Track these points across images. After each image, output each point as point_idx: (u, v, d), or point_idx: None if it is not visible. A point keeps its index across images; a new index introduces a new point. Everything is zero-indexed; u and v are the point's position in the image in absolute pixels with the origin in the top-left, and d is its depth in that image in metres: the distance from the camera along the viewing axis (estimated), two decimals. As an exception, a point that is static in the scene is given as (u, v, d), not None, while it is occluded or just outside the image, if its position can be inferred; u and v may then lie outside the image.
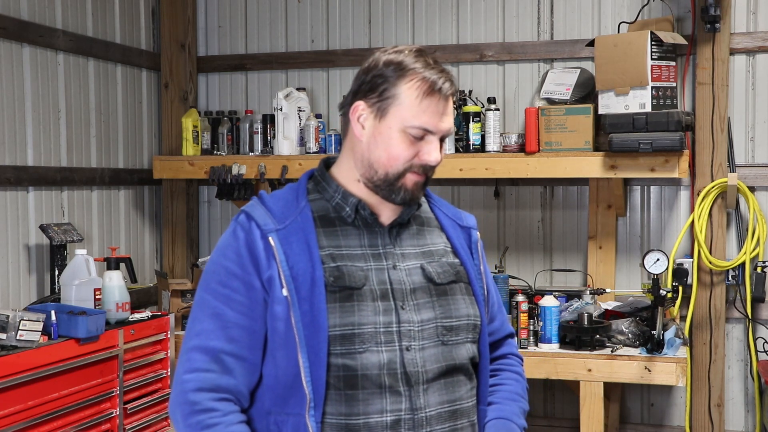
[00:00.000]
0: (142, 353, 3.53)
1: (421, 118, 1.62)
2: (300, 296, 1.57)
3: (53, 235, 3.63)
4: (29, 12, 3.75)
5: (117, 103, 4.36)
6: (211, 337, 1.60)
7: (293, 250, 1.60)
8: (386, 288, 1.63)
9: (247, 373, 1.62)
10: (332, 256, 1.62)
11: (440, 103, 1.63)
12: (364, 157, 1.66)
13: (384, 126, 1.63)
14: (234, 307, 1.61)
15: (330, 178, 1.71)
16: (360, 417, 1.57)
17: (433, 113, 1.62)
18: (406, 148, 1.63)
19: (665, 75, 3.64)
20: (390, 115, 1.63)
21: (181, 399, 1.59)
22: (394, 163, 1.63)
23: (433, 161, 1.64)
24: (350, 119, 1.67)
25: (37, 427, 2.98)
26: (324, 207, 1.68)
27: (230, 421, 1.58)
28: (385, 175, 1.64)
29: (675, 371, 3.32)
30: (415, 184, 1.65)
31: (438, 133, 1.64)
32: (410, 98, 1.62)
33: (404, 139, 1.62)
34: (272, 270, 1.60)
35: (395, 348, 1.59)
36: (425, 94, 1.62)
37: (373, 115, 1.65)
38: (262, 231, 1.62)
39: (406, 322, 1.61)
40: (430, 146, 1.64)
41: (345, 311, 1.58)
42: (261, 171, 4.12)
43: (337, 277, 1.60)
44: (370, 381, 1.57)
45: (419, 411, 1.59)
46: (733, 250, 3.99)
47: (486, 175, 3.88)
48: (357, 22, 4.53)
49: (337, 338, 1.57)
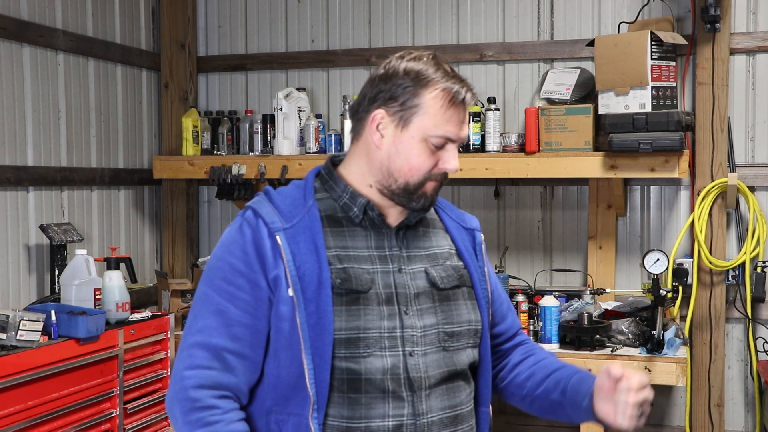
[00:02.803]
0: (142, 353, 3.53)
1: (444, 127, 1.62)
2: (306, 297, 1.56)
3: (53, 235, 3.62)
4: (29, 12, 3.75)
5: (117, 103, 4.36)
6: (213, 335, 1.59)
7: (300, 250, 1.59)
8: (391, 292, 1.62)
9: (248, 371, 1.61)
10: (339, 257, 1.61)
11: (461, 113, 1.64)
12: (383, 165, 1.65)
13: (406, 135, 1.63)
14: (238, 304, 1.60)
15: (338, 177, 1.70)
16: (362, 421, 1.57)
17: (455, 122, 1.64)
18: (427, 158, 1.63)
19: (665, 75, 3.64)
20: (413, 124, 1.62)
21: (181, 395, 1.58)
22: (416, 173, 1.64)
23: (453, 169, 1.65)
24: (367, 126, 1.65)
25: (37, 427, 2.98)
26: (331, 206, 1.67)
27: (231, 418, 1.57)
28: (405, 184, 1.64)
29: (675, 371, 3.32)
30: (434, 190, 1.67)
31: (458, 141, 1.66)
32: (434, 108, 1.62)
33: (425, 148, 1.63)
34: (279, 269, 1.58)
35: (399, 353, 1.59)
36: (449, 104, 1.62)
37: (395, 125, 1.63)
38: (270, 229, 1.60)
39: (409, 327, 1.61)
40: (449, 154, 1.65)
41: (351, 315, 1.58)
42: (261, 171, 4.12)
43: (344, 279, 1.59)
44: (373, 385, 1.57)
45: (421, 416, 1.59)
46: (733, 250, 3.99)
47: (486, 175, 3.88)
48: (357, 22, 4.53)
49: (342, 342, 1.56)
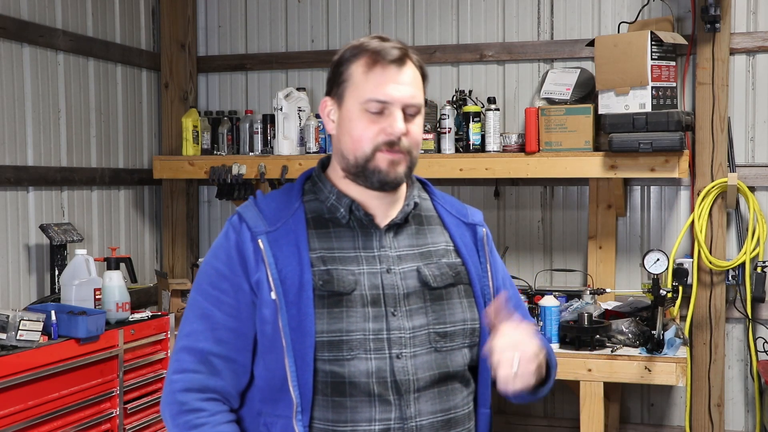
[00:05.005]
0: (142, 353, 3.53)
1: (374, 91, 1.57)
2: (288, 300, 1.55)
3: (53, 235, 3.62)
4: (29, 12, 3.75)
5: (117, 103, 4.36)
6: (199, 339, 1.60)
7: (283, 253, 1.58)
8: (378, 293, 1.59)
9: (235, 374, 1.61)
10: (323, 258, 1.59)
11: (391, 72, 1.58)
12: (337, 149, 1.64)
13: (344, 111, 1.61)
14: (223, 308, 1.60)
15: (325, 178, 1.69)
16: (348, 424, 1.55)
17: (381, 82, 1.57)
18: (366, 127, 1.58)
19: (665, 75, 3.64)
20: (346, 98, 1.60)
21: (170, 399, 1.59)
22: (359, 145, 1.59)
23: (397, 132, 1.57)
24: (322, 118, 1.67)
25: (37, 427, 2.98)
26: (318, 208, 1.66)
27: (217, 421, 1.57)
28: (355, 161, 1.60)
29: (675, 371, 3.32)
30: (389, 163, 1.59)
31: (395, 103, 1.58)
32: (359, 74, 1.59)
33: (364, 117, 1.58)
34: (260, 273, 1.58)
35: (385, 356, 1.56)
36: (372, 65, 1.58)
37: (336, 106, 1.63)
38: (253, 233, 1.60)
39: (396, 329, 1.58)
40: (390, 118, 1.58)
41: (333, 317, 1.55)
42: (261, 171, 4.12)
43: (326, 281, 1.57)
44: (358, 389, 1.55)
45: (410, 420, 1.56)
46: (733, 250, 3.99)
47: (486, 175, 3.88)
48: (357, 22, 4.53)
49: (325, 344, 1.54)
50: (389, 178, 1.60)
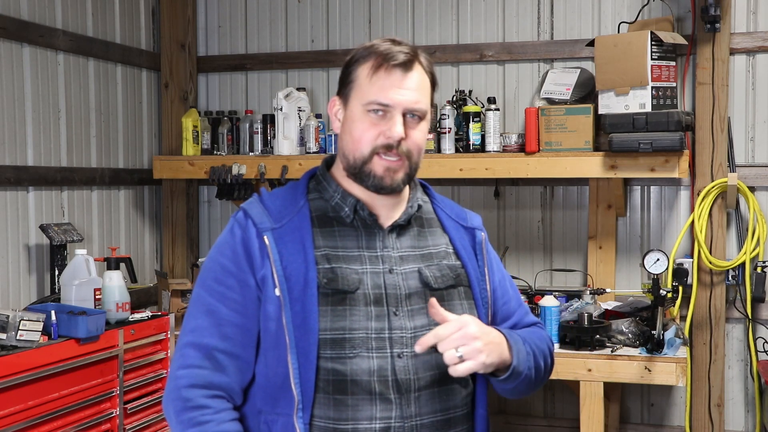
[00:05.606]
0: (142, 353, 3.53)
1: (376, 93, 1.59)
2: (292, 297, 1.56)
3: (53, 235, 3.62)
4: (29, 12, 3.75)
5: (117, 103, 4.36)
6: (205, 334, 1.60)
7: (288, 250, 1.59)
8: (380, 293, 1.60)
9: (240, 371, 1.61)
10: (327, 257, 1.60)
11: (395, 75, 1.59)
12: (340, 148, 1.66)
13: (348, 112, 1.63)
14: (228, 304, 1.60)
15: (330, 177, 1.70)
16: (348, 422, 1.56)
17: (384, 86, 1.59)
18: (366, 129, 1.59)
19: (665, 75, 3.64)
20: (351, 98, 1.63)
21: (174, 395, 1.59)
22: (358, 146, 1.60)
23: (395, 135, 1.58)
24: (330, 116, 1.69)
25: (37, 427, 2.98)
26: (323, 207, 1.67)
27: (222, 418, 1.57)
28: (354, 161, 1.62)
29: (675, 371, 3.32)
30: (385, 170, 1.60)
31: (396, 107, 1.59)
32: (364, 77, 1.61)
33: (365, 119, 1.60)
34: (266, 269, 1.58)
35: (386, 355, 1.57)
36: (377, 67, 1.60)
37: (343, 106, 1.66)
38: (258, 229, 1.61)
39: (398, 328, 1.59)
40: (390, 122, 1.59)
41: (336, 315, 1.56)
42: (261, 171, 4.12)
43: (330, 279, 1.58)
44: (359, 387, 1.55)
45: (410, 419, 1.57)
46: (733, 250, 3.99)
47: (486, 175, 3.88)
48: (357, 22, 4.53)
49: (328, 342, 1.55)
50: (384, 183, 1.62)
